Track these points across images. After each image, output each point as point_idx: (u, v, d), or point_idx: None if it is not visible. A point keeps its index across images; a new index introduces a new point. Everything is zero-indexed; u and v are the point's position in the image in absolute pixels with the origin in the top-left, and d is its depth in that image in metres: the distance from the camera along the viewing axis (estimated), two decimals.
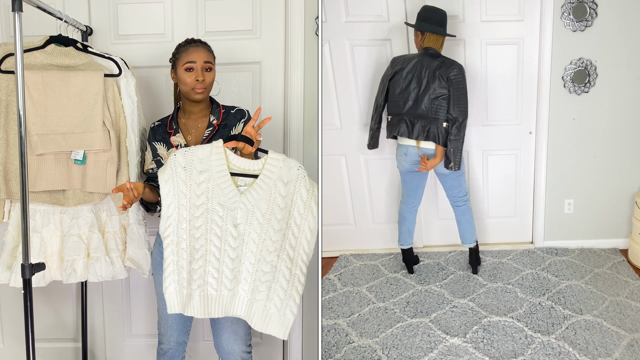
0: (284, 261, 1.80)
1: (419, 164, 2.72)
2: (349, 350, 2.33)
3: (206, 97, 2.01)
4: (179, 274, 1.80)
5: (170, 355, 2.13)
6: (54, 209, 2.11)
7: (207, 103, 2.05)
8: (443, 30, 2.66)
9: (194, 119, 2.04)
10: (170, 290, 1.82)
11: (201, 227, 1.79)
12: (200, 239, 1.80)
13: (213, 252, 1.81)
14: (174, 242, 1.79)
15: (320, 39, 2.45)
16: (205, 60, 1.96)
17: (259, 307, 1.82)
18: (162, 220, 1.80)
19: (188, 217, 1.79)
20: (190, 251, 1.80)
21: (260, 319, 1.82)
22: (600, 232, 3.29)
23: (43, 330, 2.70)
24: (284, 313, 1.81)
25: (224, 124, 2.03)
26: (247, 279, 1.81)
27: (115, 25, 2.52)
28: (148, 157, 2.08)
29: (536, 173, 3.25)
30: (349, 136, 3.20)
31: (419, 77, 2.62)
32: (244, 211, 1.79)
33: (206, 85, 1.96)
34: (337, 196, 3.32)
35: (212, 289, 1.83)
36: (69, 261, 2.10)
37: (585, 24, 3.00)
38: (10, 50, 2.02)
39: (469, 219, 2.92)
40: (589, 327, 2.40)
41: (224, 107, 2.07)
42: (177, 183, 1.78)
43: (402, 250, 3.04)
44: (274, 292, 1.80)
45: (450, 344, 2.33)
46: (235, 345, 2.04)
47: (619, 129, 3.14)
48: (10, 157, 2.05)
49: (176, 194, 1.78)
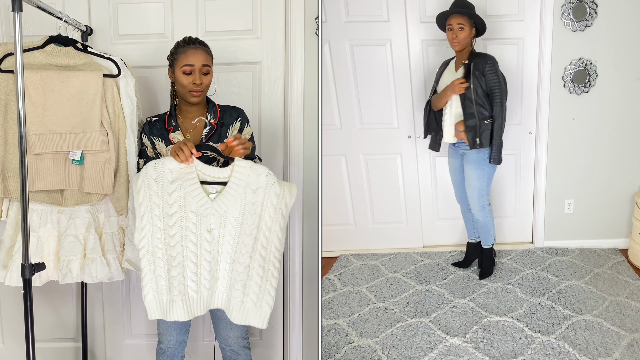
0: (257, 261, 1.86)
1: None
2: (349, 350, 2.33)
3: (203, 99, 2.02)
4: (157, 282, 1.86)
5: (170, 354, 2.13)
6: (52, 208, 2.11)
7: (203, 103, 2.06)
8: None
9: (191, 117, 2.04)
10: (148, 298, 1.87)
11: (176, 235, 1.84)
12: (176, 247, 1.85)
13: (190, 258, 1.86)
14: (150, 252, 1.85)
15: (320, 39, 2.45)
16: (203, 64, 1.96)
17: (237, 303, 1.90)
18: (137, 231, 1.84)
19: (162, 227, 1.83)
20: (167, 259, 1.85)
21: (238, 313, 1.91)
22: (600, 232, 3.29)
23: (43, 330, 2.70)
24: (261, 305, 1.89)
25: (222, 122, 2.04)
26: (225, 276, 1.88)
27: (115, 25, 2.52)
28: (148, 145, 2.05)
29: (536, 173, 3.24)
30: (349, 136, 3.20)
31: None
32: (216, 217, 1.84)
33: (203, 88, 1.97)
34: (337, 196, 3.32)
35: (192, 291, 1.89)
36: (65, 261, 2.10)
37: (585, 24, 3.00)
38: (10, 50, 2.02)
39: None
40: (589, 327, 2.40)
41: (220, 107, 2.08)
42: (150, 195, 1.82)
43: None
44: (250, 289, 1.88)
45: (450, 344, 2.33)
46: (232, 333, 2.10)
47: (619, 129, 3.14)
48: (9, 156, 2.05)
49: (149, 205, 1.82)
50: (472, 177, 2.77)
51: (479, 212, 2.85)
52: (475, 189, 2.79)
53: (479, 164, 2.73)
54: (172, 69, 2.01)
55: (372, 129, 3.19)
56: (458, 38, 2.63)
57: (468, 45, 2.68)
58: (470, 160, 2.74)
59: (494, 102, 2.64)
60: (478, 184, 2.77)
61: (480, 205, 2.82)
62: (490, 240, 2.95)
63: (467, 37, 2.64)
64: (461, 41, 2.63)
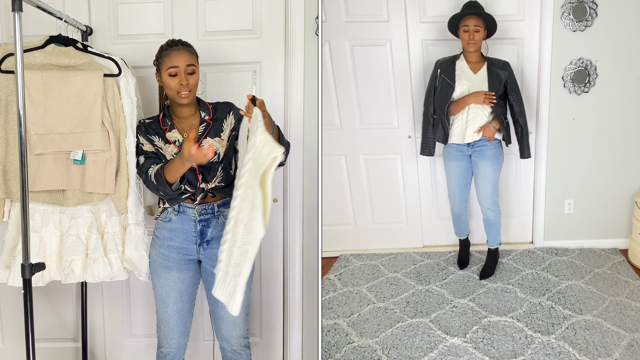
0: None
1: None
2: (349, 350, 2.33)
3: (193, 99, 2.02)
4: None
5: (171, 358, 2.13)
6: (53, 208, 2.11)
7: (194, 102, 2.08)
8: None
9: (185, 117, 2.06)
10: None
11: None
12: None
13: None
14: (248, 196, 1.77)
15: (320, 39, 2.45)
16: (188, 64, 1.96)
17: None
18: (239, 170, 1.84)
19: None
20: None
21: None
22: (600, 232, 3.29)
23: (43, 330, 2.70)
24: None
25: (216, 117, 2.06)
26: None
27: (115, 25, 2.52)
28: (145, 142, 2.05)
29: (536, 173, 3.25)
30: (349, 136, 3.20)
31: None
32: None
33: (191, 87, 1.98)
34: (337, 196, 3.32)
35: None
36: (68, 261, 2.10)
37: (585, 24, 3.00)
38: (10, 50, 2.02)
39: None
40: (589, 327, 2.40)
41: (211, 104, 2.11)
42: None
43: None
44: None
45: (450, 344, 2.33)
46: (233, 332, 2.10)
47: (619, 129, 3.14)
48: (10, 157, 2.05)
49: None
50: (488, 172, 2.83)
51: (492, 209, 2.90)
52: (490, 184, 2.84)
53: (495, 158, 2.82)
54: (158, 73, 2.02)
55: (372, 129, 3.19)
56: (475, 39, 2.70)
57: (480, 47, 2.77)
58: (486, 155, 2.81)
59: (517, 102, 2.79)
60: (493, 178, 2.84)
61: (492, 201, 2.88)
62: (498, 240, 3.00)
63: (482, 38, 2.74)
64: (477, 42, 2.72)
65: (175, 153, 2.00)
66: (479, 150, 2.82)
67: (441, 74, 2.80)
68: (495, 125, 2.75)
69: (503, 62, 2.79)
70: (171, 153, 2.01)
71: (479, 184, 2.87)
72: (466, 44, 2.74)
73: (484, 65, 2.78)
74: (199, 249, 2.06)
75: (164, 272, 2.07)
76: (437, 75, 2.82)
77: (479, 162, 2.84)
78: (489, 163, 2.82)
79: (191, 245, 2.06)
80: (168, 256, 2.06)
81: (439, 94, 2.80)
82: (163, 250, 2.07)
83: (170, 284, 2.07)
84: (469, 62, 2.79)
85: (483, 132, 2.76)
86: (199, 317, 2.65)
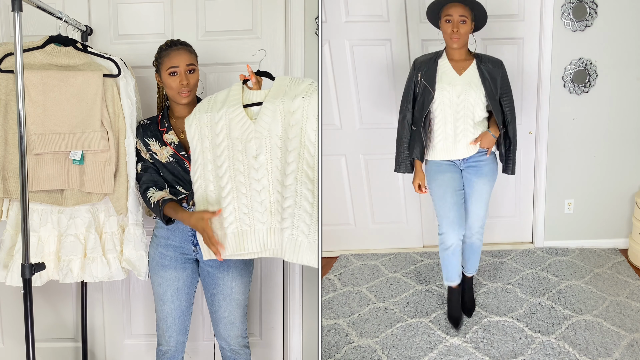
0: (305, 184, 1.69)
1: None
2: (349, 350, 2.33)
3: (193, 98, 2.02)
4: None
5: (170, 356, 2.14)
6: (52, 208, 2.11)
7: (194, 102, 2.07)
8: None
9: (184, 117, 2.05)
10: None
11: (223, 165, 1.81)
12: (224, 177, 1.82)
13: (239, 188, 1.81)
14: (202, 186, 1.84)
15: (320, 39, 2.45)
16: (188, 64, 1.97)
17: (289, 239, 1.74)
18: (192, 165, 1.87)
19: (212, 159, 1.82)
20: (218, 191, 1.83)
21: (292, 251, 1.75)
22: (600, 232, 3.29)
23: (43, 330, 2.70)
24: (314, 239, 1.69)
25: None
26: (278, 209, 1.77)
27: (115, 25, 2.52)
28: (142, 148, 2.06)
29: (536, 173, 3.24)
30: (349, 136, 3.20)
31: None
32: (260, 140, 1.76)
33: (191, 87, 1.98)
34: (337, 196, 3.32)
35: (245, 224, 1.83)
36: (66, 261, 2.10)
37: (585, 24, 3.00)
38: (10, 50, 2.02)
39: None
40: (589, 327, 2.40)
41: None
42: (200, 127, 1.82)
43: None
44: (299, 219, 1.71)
45: (450, 344, 2.33)
46: (232, 332, 2.10)
47: (619, 129, 3.14)
48: (9, 156, 2.05)
49: (200, 137, 1.82)
50: (484, 191, 2.37)
51: (479, 233, 2.46)
52: (485, 205, 2.40)
53: (493, 174, 2.38)
54: (158, 74, 2.03)
55: (372, 129, 3.19)
56: (459, 32, 2.20)
57: (467, 42, 2.29)
58: (484, 172, 2.35)
59: (509, 110, 2.31)
60: (488, 197, 2.40)
61: (482, 225, 2.45)
62: (476, 266, 2.58)
63: (469, 32, 2.24)
64: (462, 36, 2.21)
65: (170, 155, 2.01)
66: (475, 166, 2.34)
67: (421, 77, 2.30)
68: (494, 132, 2.29)
69: (496, 60, 2.31)
70: (166, 155, 2.02)
71: (473, 204, 2.38)
72: (449, 38, 2.23)
73: (471, 63, 2.28)
74: (195, 249, 2.07)
75: (162, 271, 2.08)
76: (417, 78, 2.33)
77: (474, 179, 2.35)
78: (486, 181, 2.35)
79: (188, 245, 2.06)
80: (165, 255, 2.07)
81: (418, 102, 2.32)
82: (160, 249, 2.08)
83: (167, 282, 2.08)
84: (452, 61, 2.29)
85: (481, 143, 2.30)
86: (199, 316, 2.66)
